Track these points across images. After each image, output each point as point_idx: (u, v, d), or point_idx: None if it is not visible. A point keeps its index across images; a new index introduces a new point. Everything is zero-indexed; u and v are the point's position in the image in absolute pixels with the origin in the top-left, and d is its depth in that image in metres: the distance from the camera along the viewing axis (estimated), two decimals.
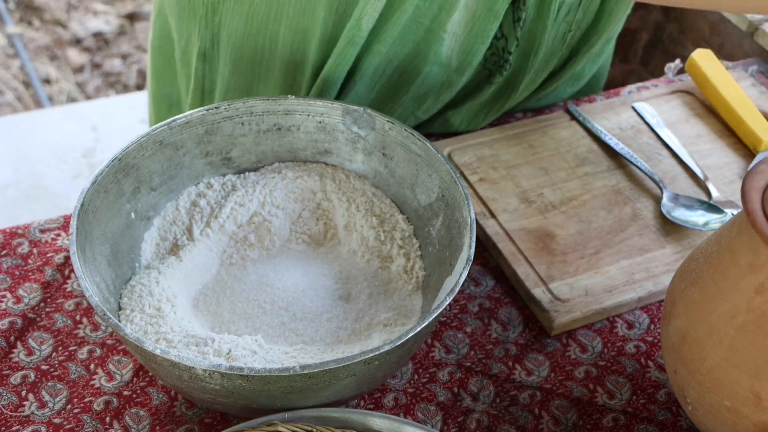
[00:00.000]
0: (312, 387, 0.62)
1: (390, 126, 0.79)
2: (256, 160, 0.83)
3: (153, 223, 0.79)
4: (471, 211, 0.71)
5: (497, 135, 0.96)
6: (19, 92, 2.43)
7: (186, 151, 0.80)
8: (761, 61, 1.10)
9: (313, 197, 0.82)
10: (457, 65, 0.91)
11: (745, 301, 0.59)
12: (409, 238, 0.79)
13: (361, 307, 0.75)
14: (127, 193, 0.76)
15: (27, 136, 2.21)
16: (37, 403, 0.72)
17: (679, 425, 0.73)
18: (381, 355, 0.62)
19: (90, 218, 0.71)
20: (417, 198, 0.79)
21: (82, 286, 0.64)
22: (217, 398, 0.64)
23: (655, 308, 0.82)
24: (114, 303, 0.71)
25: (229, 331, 0.72)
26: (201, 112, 0.79)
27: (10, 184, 2.09)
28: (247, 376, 0.60)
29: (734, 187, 0.92)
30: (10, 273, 0.81)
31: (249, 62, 0.93)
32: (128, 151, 0.75)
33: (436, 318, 0.65)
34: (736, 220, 0.62)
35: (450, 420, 0.73)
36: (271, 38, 0.90)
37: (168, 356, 0.60)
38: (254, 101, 0.80)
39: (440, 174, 0.76)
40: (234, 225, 0.80)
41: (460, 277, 0.66)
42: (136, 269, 0.76)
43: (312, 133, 0.82)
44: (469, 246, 0.69)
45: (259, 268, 0.78)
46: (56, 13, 2.69)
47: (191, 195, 0.81)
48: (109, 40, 2.65)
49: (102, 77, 2.53)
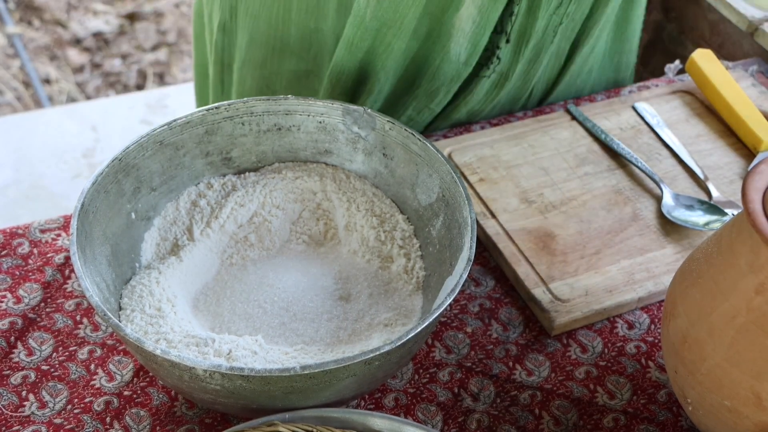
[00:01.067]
0: (312, 387, 0.62)
1: (390, 126, 0.79)
2: (256, 160, 0.83)
3: (153, 223, 0.79)
4: (471, 211, 0.71)
5: (497, 135, 0.96)
6: (19, 92, 2.43)
7: (186, 151, 0.80)
8: (761, 61, 1.10)
9: (314, 197, 0.82)
10: (466, 58, 0.92)
11: (746, 301, 0.59)
12: (409, 238, 0.79)
13: (361, 308, 0.75)
14: (127, 193, 0.76)
15: (27, 136, 2.21)
16: (37, 404, 0.72)
17: (680, 425, 0.73)
18: (381, 355, 0.62)
19: (90, 218, 0.71)
20: (417, 198, 0.79)
21: (83, 287, 0.64)
22: (217, 398, 0.64)
23: (656, 308, 0.82)
24: (114, 303, 0.71)
25: (229, 332, 0.72)
26: (201, 113, 0.79)
27: (10, 184, 2.09)
28: (247, 377, 0.60)
29: (734, 187, 0.92)
30: (11, 273, 0.81)
31: (265, 34, 0.94)
32: (128, 151, 0.75)
33: (436, 318, 0.65)
34: (737, 220, 0.62)
35: (450, 420, 0.73)
36: (286, 6, 0.91)
37: (168, 356, 0.60)
38: (254, 101, 0.80)
39: (440, 174, 0.76)
40: (234, 225, 0.80)
41: (460, 278, 0.66)
42: (137, 269, 0.76)
43: (312, 133, 0.82)
44: (470, 246, 0.69)
45: (260, 268, 0.78)
46: (56, 13, 2.69)
47: (191, 195, 0.81)
48: (109, 40, 2.64)
49: (102, 77, 2.53)
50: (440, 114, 0.99)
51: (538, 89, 1.03)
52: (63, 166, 2.15)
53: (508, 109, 1.03)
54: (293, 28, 0.93)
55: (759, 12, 1.10)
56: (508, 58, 0.94)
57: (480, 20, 0.87)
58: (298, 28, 0.93)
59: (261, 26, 0.94)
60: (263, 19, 0.93)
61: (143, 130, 0.77)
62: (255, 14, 0.93)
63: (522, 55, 0.94)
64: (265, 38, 0.95)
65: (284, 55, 0.96)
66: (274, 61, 0.96)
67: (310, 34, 0.94)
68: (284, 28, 0.93)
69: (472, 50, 0.91)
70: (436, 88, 0.94)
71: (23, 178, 2.11)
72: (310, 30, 0.93)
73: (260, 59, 0.97)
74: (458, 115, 0.99)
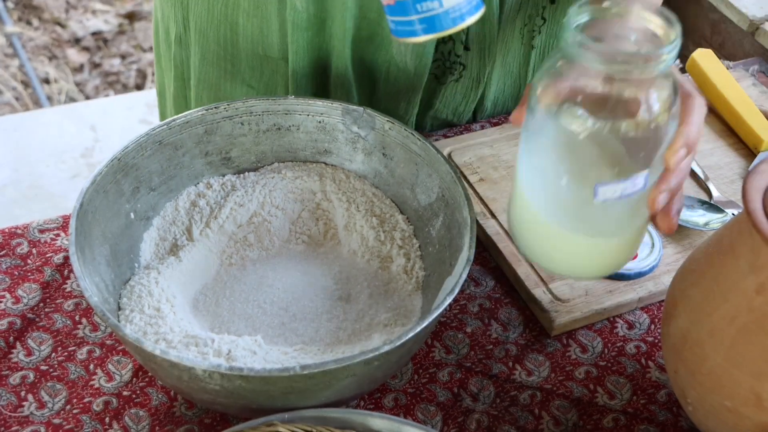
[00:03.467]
0: (312, 387, 0.62)
1: (390, 126, 0.79)
2: (255, 160, 0.83)
3: (152, 224, 0.79)
4: (471, 211, 0.71)
5: (497, 135, 0.96)
6: (18, 92, 2.43)
7: (185, 150, 0.79)
8: (762, 61, 1.10)
9: (313, 197, 0.82)
10: (414, 69, 0.90)
11: (746, 301, 0.59)
12: (409, 238, 0.79)
13: (361, 308, 0.75)
14: (126, 193, 0.76)
15: (26, 135, 2.21)
16: (36, 404, 0.72)
17: (680, 426, 0.73)
18: (381, 355, 0.61)
19: (89, 218, 0.71)
20: (417, 198, 0.79)
21: (82, 286, 0.64)
22: (216, 398, 0.64)
23: (656, 308, 0.82)
24: (113, 303, 0.71)
25: (228, 332, 0.72)
26: (200, 112, 0.79)
27: (9, 183, 2.09)
28: (246, 377, 0.60)
29: (735, 187, 0.92)
30: (9, 273, 0.81)
31: (215, 55, 0.92)
32: (127, 151, 0.75)
33: (435, 318, 0.65)
34: (737, 220, 0.62)
35: (450, 420, 0.73)
36: (232, 29, 0.89)
37: (168, 357, 0.60)
38: (254, 101, 0.80)
39: (440, 174, 0.76)
40: (234, 225, 0.80)
41: (460, 278, 0.66)
42: (136, 269, 0.76)
43: (312, 133, 0.82)
44: (470, 246, 0.69)
45: (259, 268, 0.78)
46: (55, 13, 2.69)
47: (191, 195, 0.81)
48: (108, 39, 2.64)
49: (101, 77, 2.53)
50: (426, 115, 0.98)
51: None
52: (62, 165, 2.15)
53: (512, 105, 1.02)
54: (242, 53, 0.91)
55: (760, 11, 1.10)
56: (476, 63, 0.93)
57: None
58: (247, 53, 0.91)
59: (210, 45, 0.91)
60: (212, 38, 0.90)
61: (142, 130, 0.77)
62: (203, 31, 0.90)
63: (489, 59, 0.92)
64: (216, 58, 0.92)
65: (236, 79, 0.93)
66: (227, 84, 0.94)
67: (261, 61, 0.91)
68: (233, 51, 0.91)
69: (418, 60, 0.89)
70: (395, 94, 0.92)
71: (22, 178, 2.11)
72: (259, 56, 0.91)
73: (214, 80, 0.94)
74: (445, 116, 0.98)
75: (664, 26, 0.59)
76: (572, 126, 0.60)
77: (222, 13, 0.88)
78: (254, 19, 0.88)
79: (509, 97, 1.01)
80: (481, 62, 0.92)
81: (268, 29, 0.88)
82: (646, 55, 0.57)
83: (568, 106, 0.60)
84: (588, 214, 0.64)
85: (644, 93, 0.58)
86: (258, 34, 0.89)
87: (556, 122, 0.61)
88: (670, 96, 0.59)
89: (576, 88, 0.59)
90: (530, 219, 0.67)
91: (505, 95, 1.00)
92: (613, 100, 0.59)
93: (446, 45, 0.90)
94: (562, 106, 0.60)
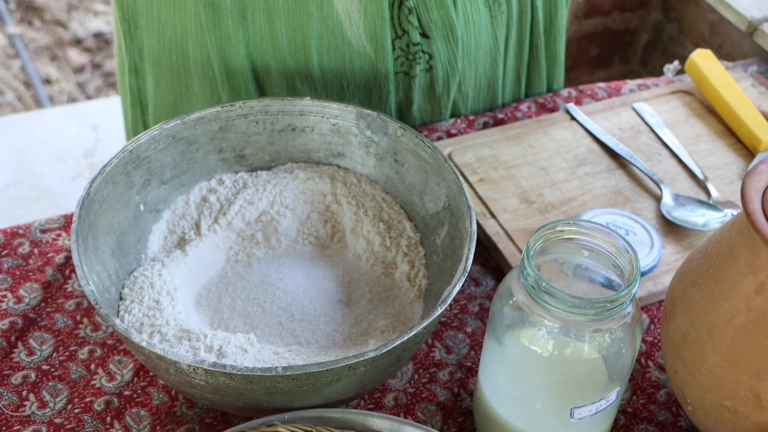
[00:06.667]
0: (296, 389, 0.62)
1: (402, 132, 0.79)
2: (269, 159, 0.83)
3: (162, 216, 0.79)
4: (472, 224, 0.71)
5: (497, 135, 0.96)
6: (19, 92, 2.43)
7: (199, 146, 0.79)
8: (761, 62, 1.10)
9: (323, 199, 0.82)
10: (375, 52, 0.89)
11: (745, 301, 0.60)
12: (415, 245, 0.79)
13: (360, 312, 0.75)
14: (136, 185, 0.76)
15: (27, 136, 2.21)
16: (37, 403, 0.72)
17: (679, 425, 0.73)
18: (366, 361, 0.61)
19: (96, 208, 0.71)
20: (425, 206, 0.79)
21: (78, 274, 0.64)
22: (203, 394, 0.64)
23: (655, 308, 0.82)
24: (115, 293, 0.71)
25: (227, 328, 0.72)
26: (215, 109, 0.79)
27: (10, 184, 2.09)
28: (230, 374, 0.60)
29: (734, 187, 0.92)
30: (11, 273, 0.81)
31: (169, 81, 0.94)
32: (140, 143, 0.75)
33: (428, 326, 0.64)
34: (736, 220, 0.62)
35: (450, 420, 0.73)
36: (183, 55, 0.91)
37: (153, 349, 0.60)
38: (269, 100, 0.80)
39: (447, 183, 0.76)
40: (242, 222, 0.80)
41: (453, 289, 0.66)
42: (142, 261, 0.76)
43: (326, 135, 0.82)
44: (467, 258, 0.69)
45: (264, 267, 0.78)
46: (57, 14, 2.69)
47: (202, 190, 0.81)
48: (110, 40, 2.64)
49: (102, 77, 2.53)
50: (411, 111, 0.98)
51: (511, 67, 1.01)
52: (63, 166, 2.15)
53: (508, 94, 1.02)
54: (195, 78, 0.92)
55: (758, 12, 1.10)
56: (445, 52, 0.92)
57: (366, 7, 0.85)
58: (199, 79, 0.92)
59: (164, 73, 0.93)
60: (165, 65, 0.92)
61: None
62: (157, 61, 0.92)
63: (454, 46, 0.91)
64: (170, 84, 0.94)
65: (191, 100, 0.95)
66: (184, 107, 0.95)
67: (210, 83, 0.92)
68: (186, 77, 0.93)
69: (376, 45, 0.88)
70: (364, 85, 0.92)
71: (24, 178, 2.11)
72: (209, 78, 0.92)
73: (171, 104, 0.96)
74: (431, 108, 0.98)
75: (615, 244, 0.61)
76: (535, 347, 0.61)
77: (172, 41, 0.90)
78: (203, 43, 0.89)
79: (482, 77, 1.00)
80: (448, 47, 0.92)
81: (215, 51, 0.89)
82: (604, 300, 0.58)
83: (531, 330, 0.61)
84: (561, 428, 0.65)
85: (605, 323, 0.60)
86: (207, 58, 0.90)
87: (520, 345, 0.62)
88: (630, 313, 0.61)
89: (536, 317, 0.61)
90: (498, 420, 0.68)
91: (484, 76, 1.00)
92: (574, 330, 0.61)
93: (401, 40, 0.89)
94: (524, 329, 0.62)
